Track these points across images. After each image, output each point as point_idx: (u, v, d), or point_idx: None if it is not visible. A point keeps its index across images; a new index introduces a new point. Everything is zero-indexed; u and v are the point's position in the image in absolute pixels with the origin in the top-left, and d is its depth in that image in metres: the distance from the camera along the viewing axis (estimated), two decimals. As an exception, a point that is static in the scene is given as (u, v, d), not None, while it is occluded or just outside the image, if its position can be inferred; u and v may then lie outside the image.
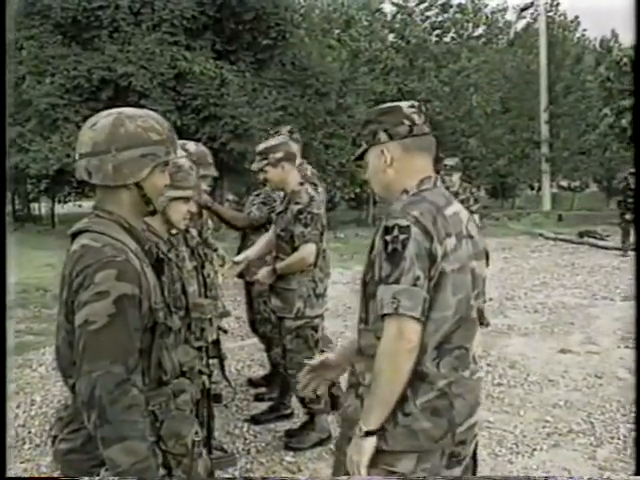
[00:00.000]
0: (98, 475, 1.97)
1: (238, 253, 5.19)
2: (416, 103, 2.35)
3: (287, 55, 20.42)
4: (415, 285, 2.05)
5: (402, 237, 2.07)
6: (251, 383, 5.85)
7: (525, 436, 4.76)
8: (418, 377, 2.13)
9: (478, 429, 2.39)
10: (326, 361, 2.55)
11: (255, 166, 4.54)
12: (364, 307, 2.27)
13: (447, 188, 8.33)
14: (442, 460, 2.21)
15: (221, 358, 3.83)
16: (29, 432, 4.99)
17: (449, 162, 8.15)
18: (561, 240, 16.62)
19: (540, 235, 17.82)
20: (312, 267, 4.48)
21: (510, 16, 32.64)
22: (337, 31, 27.46)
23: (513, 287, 10.32)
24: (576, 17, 33.68)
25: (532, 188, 31.32)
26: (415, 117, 2.30)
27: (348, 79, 22.90)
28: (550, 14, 28.57)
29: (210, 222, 4.63)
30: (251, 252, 4.82)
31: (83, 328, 1.92)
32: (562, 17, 31.56)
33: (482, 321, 8.18)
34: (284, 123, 17.86)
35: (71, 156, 14.93)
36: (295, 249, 4.43)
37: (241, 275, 5.40)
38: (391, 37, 29.40)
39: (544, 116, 25.48)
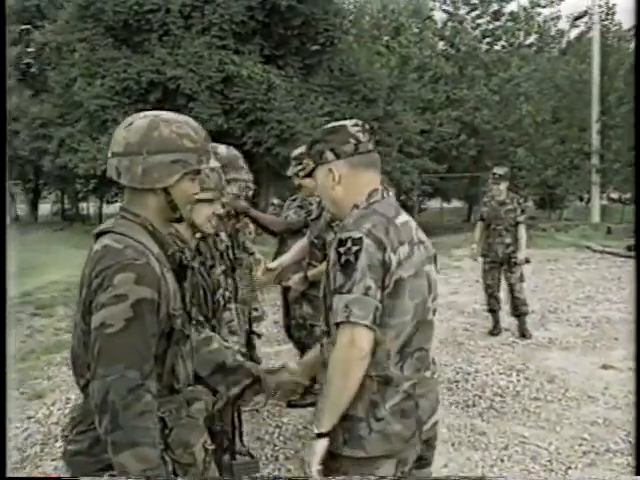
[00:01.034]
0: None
1: (275, 258, 5.17)
2: (360, 122, 2.43)
3: (335, 61, 20.46)
4: (366, 294, 2.12)
5: (354, 249, 2.15)
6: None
7: (560, 453, 4.63)
8: (384, 382, 2.21)
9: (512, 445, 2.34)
10: (286, 367, 2.61)
11: (290, 171, 4.53)
12: (326, 320, 2.31)
13: (493, 197, 8.15)
14: (415, 462, 2.32)
15: (254, 361, 3.81)
16: (62, 430, 5.00)
17: (498, 171, 8.00)
18: (609, 253, 16.25)
19: (587, 247, 17.46)
20: None
21: (563, 25, 32.37)
22: (386, 38, 27.49)
23: (557, 300, 10.12)
24: (634, 26, 33.10)
25: (581, 199, 30.73)
26: (360, 135, 2.37)
27: (396, 86, 22.90)
28: (605, 23, 28.06)
29: (251, 226, 4.62)
30: (286, 258, 4.81)
31: (99, 331, 1.90)
32: (617, 26, 31.03)
33: (524, 333, 7.94)
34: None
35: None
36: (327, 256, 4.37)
37: (278, 280, 5.39)
38: (441, 44, 29.36)
39: (596, 127, 25.01)
